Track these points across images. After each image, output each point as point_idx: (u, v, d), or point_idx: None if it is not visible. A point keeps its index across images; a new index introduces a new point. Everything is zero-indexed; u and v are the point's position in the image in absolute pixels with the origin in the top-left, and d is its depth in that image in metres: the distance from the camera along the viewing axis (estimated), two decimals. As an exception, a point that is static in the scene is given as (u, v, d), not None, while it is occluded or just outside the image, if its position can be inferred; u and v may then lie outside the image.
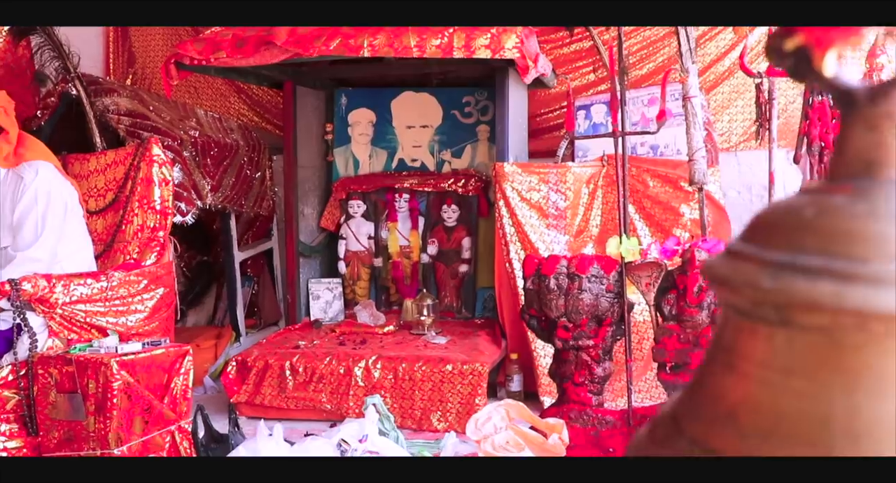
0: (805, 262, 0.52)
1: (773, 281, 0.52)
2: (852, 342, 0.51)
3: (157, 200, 4.77)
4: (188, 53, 4.86)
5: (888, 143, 0.56)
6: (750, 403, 0.54)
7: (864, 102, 0.56)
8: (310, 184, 6.11)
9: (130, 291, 4.52)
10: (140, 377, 4.02)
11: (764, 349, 0.54)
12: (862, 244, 0.52)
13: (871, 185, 0.55)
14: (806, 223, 0.55)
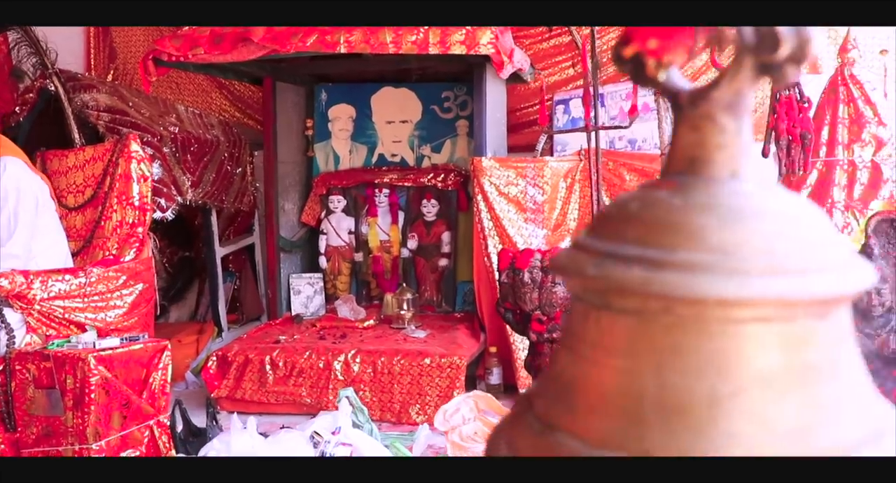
0: (623, 250, 0.56)
1: (595, 269, 0.56)
2: (662, 324, 0.55)
3: (136, 196, 4.79)
4: (166, 50, 4.88)
5: (709, 143, 0.60)
6: (580, 380, 0.59)
7: (687, 105, 0.60)
8: (290, 179, 6.14)
9: (109, 287, 4.54)
10: (118, 372, 4.05)
11: (591, 331, 0.59)
12: (673, 234, 0.56)
13: (692, 181, 0.60)
14: (630, 215, 0.59)
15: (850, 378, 0.59)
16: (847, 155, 4.79)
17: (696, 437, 0.54)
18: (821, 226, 0.59)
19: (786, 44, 0.57)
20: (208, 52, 4.83)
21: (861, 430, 0.57)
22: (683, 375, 0.55)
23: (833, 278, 0.55)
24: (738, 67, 0.59)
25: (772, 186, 0.62)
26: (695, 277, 0.54)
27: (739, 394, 0.54)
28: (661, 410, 0.55)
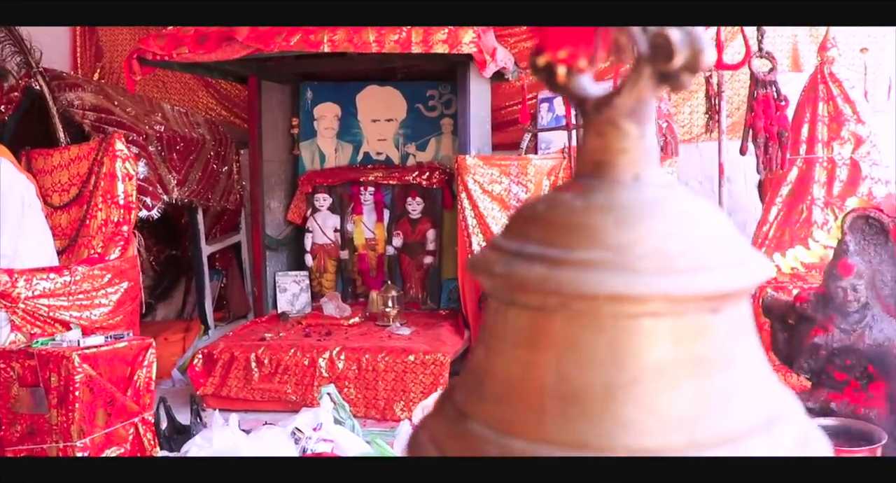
0: (527, 250, 0.60)
1: (502, 267, 0.60)
2: (560, 319, 0.59)
3: (121, 195, 4.81)
4: (150, 49, 4.90)
5: (612, 147, 0.64)
6: (489, 371, 0.63)
7: (592, 112, 0.63)
8: (276, 177, 6.17)
9: (94, 285, 4.57)
10: (102, 370, 4.08)
11: (500, 325, 0.63)
12: (573, 234, 0.60)
13: (596, 184, 0.63)
14: (536, 216, 0.63)
15: (744, 370, 0.62)
16: (827, 152, 4.83)
17: (591, 425, 0.57)
18: (717, 226, 0.63)
19: (679, 54, 0.59)
20: (193, 52, 4.85)
21: (753, 419, 0.60)
22: (580, 367, 0.58)
23: (722, 276, 0.58)
24: (636, 76, 0.61)
25: (674, 188, 0.65)
26: (589, 275, 0.57)
27: (632, 384, 0.58)
28: (559, 399, 0.58)
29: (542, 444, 0.58)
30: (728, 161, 4.54)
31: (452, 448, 0.62)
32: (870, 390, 3.86)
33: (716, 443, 0.58)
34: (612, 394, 0.57)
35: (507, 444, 0.59)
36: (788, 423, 0.63)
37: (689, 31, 0.60)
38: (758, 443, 0.59)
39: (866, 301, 3.84)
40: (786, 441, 0.61)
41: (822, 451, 0.64)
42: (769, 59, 3.94)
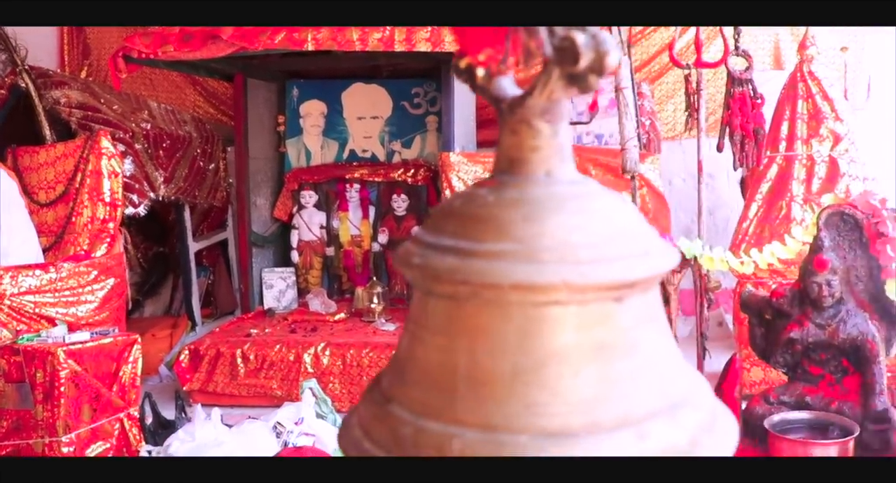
0: (442, 242, 0.64)
1: (419, 259, 0.64)
2: (471, 307, 0.63)
3: (107, 192, 4.84)
4: (136, 47, 4.92)
5: (525, 145, 0.68)
6: (412, 358, 0.67)
7: (507, 111, 0.67)
8: (262, 175, 6.21)
9: (80, 282, 4.60)
10: (88, 366, 4.11)
11: (420, 314, 0.67)
12: (483, 227, 0.64)
13: (509, 179, 0.67)
14: (452, 210, 0.67)
15: (648, 356, 0.65)
16: (806, 150, 4.89)
17: (499, 407, 0.61)
18: (624, 220, 0.67)
19: (584, 56, 0.63)
20: (178, 50, 4.87)
21: (656, 403, 0.64)
22: (490, 353, 0.62)
23: (623, 266, 0.62)
24: (547, 77, 0.65)
25: (586, 185, 0.69)
26: (496, 265, 0.61)
27: (538, 369, 0.61)
28: (470, 383, 0.62)
29: (454, 425, 0.62)
30: (710, 158, 4.59)
31: (376, 430, 0.66)
32: (844, 384, 3.93)
33: (617, 425, 0.61)
34: (518, 378, 0.61)
35: (423, 425, 0.63)
36: (694, 408, 0.66)
37: (594, 34, 0.63)
38: (659, 426, 0.63)
39: (841, 296, 3.89)
40: (689, 425, 0.64)
41: (728, 439, 0.68)
42: (745, 57, 3.99)
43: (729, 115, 3.96)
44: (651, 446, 0.62)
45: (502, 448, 0.60)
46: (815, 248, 3.89)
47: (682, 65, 4.31)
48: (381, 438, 0.66)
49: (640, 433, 0.62)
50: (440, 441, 0.62)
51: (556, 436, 0.60)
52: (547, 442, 0.60)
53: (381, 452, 0.65)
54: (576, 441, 0.60)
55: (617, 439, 0.61)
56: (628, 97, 4.37)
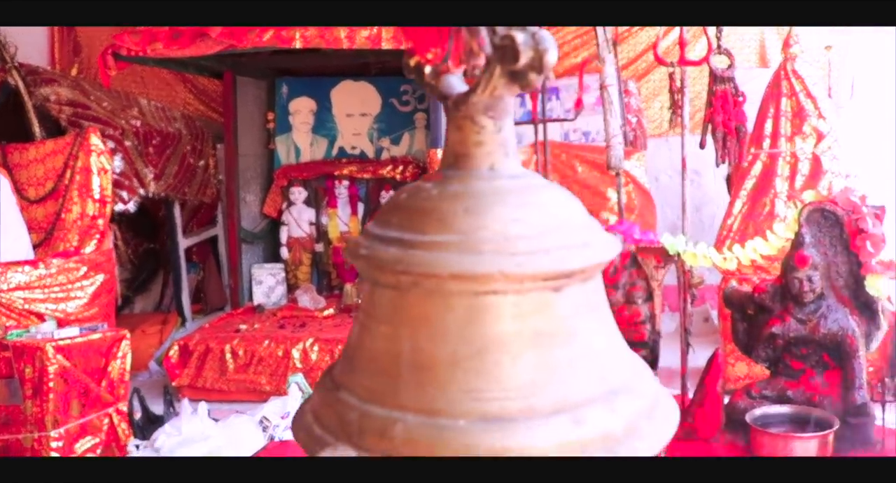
0: (387, 234, 0.67)
1: (365, 250, 0.68)
2: (413, 296, 0.66)
3: (97, 189, 4.87)
4: (125, 45, 4.94)
5: (469, 140, 0.71)
6: (360, 346, 0.70)
7: (452, 108, 0.71)
8: (252, 171, 6.23)
9: (70, 278, 4.62)
10: (77, 361, 4.14)
11: (367, 303, 0.70)
12: (425, 219, 0.67)
13: (454, 174, 0.70)
14: (398, 204, 0.71)
15: (587, 344, 0.68)
16: (790, 147, 4.93)
17: (440, 392, 0.64)
18: (565, 213, 0.70)
19: (524, 55, 0.66)
20: (167, 47, 4.89)
21: (593, 390, 0.67)
22: (431, 340, 0.65)
23: (558, 257, 0.65)
24: (489, 75, 0.68)
25: (529, 179, 0.72)
26: (437, 256, 0.64)
27: (476, 355, 0.64)
28: (413, 369, 0.65)
29: (397, 410, 0.65)
30: (698, 155, 4.62)
31: (325, 415, 0.69)
32: (825, 378, 3.97)
33: (554, 410, 0.64)
34: (459, 364, 0.64)
35: (368, 410, 0.66)
36: (633, 395, 0.69)
37: (533, 33, 0.66)
38: (596, 412, 0.66)
39: (821, 292, 3.93)
40: (626, 412, 0.67)
41: (667, 426, 0.71)
42: (727, 56, 4.03)
43: (711, 112, 3.99)
44: (586, 431, 0.64)
45: (442, 432, 0.63)
46: (797, 244, 3.93)
47: (666, 63, 4.33)
48: (329, 423, 0.68)
49: (576, 419, 0.64)
50: (383, 425, 0.65)
51: (493, 420, 0.63)
52: (485, 426, 0.63)
53: (329, 437, 0.67)
54: (513, 425, 0.63)
55: (553, 424, 0.64)
56: (613, 95, 4.41)
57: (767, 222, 4.86)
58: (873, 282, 3.89)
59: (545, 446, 0.63)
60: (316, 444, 0.68)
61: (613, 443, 0.65)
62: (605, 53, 4.33)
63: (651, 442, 0.67)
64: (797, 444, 3.72)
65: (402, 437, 0.63)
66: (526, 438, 0.63)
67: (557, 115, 5.63)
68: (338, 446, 0.66)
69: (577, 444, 0.64)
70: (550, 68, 0.67)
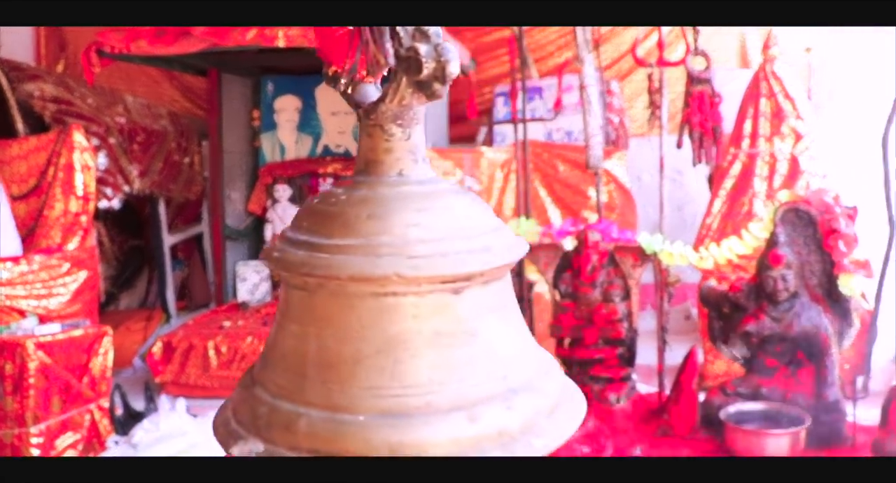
0: (297, 237, 0.71)
1: (278, 253, 0.71)
2: (319, 296, 0.70)
3: (80, 186, 4.88)
4: (108, 42, 4.95)
5: (378, 147, 0.74)
6: (274, 344, 0.74)
7: (364, 116, 0.74)
8: (237, 169, 6.25)
9: (52, 275, 4.64)
10: (58, 358, 4.16)
11: (283, 303, 0.74)
12: (332, 223, 0.70)
13: (364, 179, 0.74)
14: (311, 209, 0.74)
15: (487, 344, 0.71)
16: (768, 147, 4.98)
17: (342, 389, 0.67)
18: (469, 218, 0.73)
19: (427, 66, 0.69)
20: (151, 45, 4.90)
21: (492, 388, 0.70)
22: (335, 339, 0.68)
23: (455, 261, 0.68)
24: (396, 85, 0.71)
25: (437, 184, 0.75)
26: (339, 259, 0.68)
27: (376, 354, 0.68)
28: (318, 367, 0.68)
29: (303, 406, 0.68)
30: (680, 155, 4.66)
31: (241, 410, 0.73)
32: (798, 376, 4.02)
33: (451, 407, 0.67)
34: (360, 362, 0.67)
35: (277, 405, 0.69)
36: (535, 394, 0.72)
37: (436, 45, 0.70)
38: (492, 410, 0.68)
39: (795, 290, 3.99)
40: (524, 410, 0.70)
41: (568, 425, 0.73)
42: (704, 57, 4.07)
43: (688, 113, 4.04)
44: (481, 428, 0.67)
45: (342, 427, 0.66)
46: (771, 243, 3.99)
47: (644, 64, 4.38)
48: (243, 418, 0.72)
49: (472, 415, 0.67)
50: (289, 420, 0.68)
51: (391, 416, 0.66)
52: (383, 421, 0.66)
53: (242, 431, 0.70)
54: (410, 421, 0.66)
55: (449, 421, 0.67)
56: (592, 95, 4.45)
57: (746, 222, 4.90)
58: (846, 280, 3.95)
59: (440, 442, 0.66)
60: (230, 437, 0.70)
61: (509, 439, 0.68)
62: (585, 54, 4.36)
63: (548, 439, 0.70)
64: (770, 441, 3.78)
65: (305, 432, 0.66)
66: (422, 434, 0.66)
67: (541, 114, 5.67)
68: (249, 440, 0.69)
69: (472, 440, 0.66)
70: (452, 78, 0.70)
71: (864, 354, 4.65)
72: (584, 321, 4.29)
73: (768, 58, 4.95)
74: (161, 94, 6.81)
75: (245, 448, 0.69)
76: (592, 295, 4.28)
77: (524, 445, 0.68)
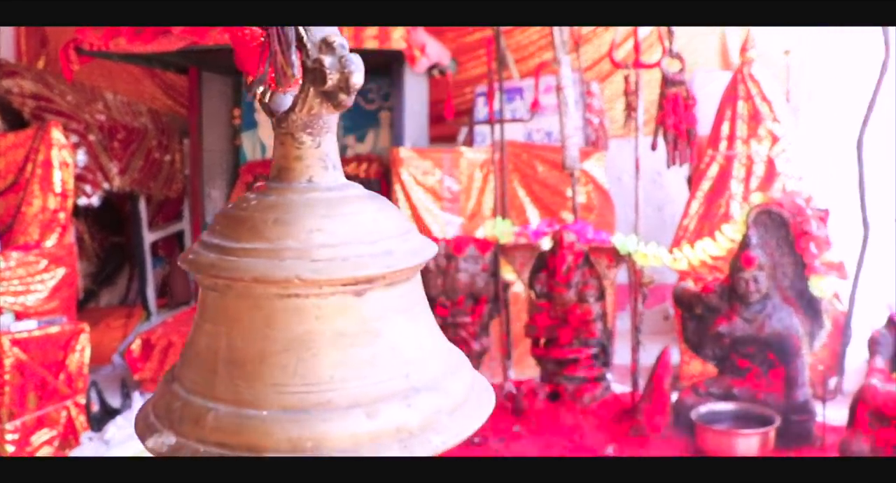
0: (211, 241, 0.74)
1: (193, 255, 0.73)
2: (229, 297, 0.72)
3: (58, 183, 4.88)
4: (87, 39, 4.95)
5: (290, 155, 0.77)
6: (191, 342, 0.77)
7: (277, 125, 0.77)
8: (217, 167, 6.26)
9: (29, 271, 4.64)
10: (34, 354, 4.17)
11: (200, 304, 0.77)
12: (241, 228, 0.73)
13: (276, 186, 0.77)
14: (225, 213, 0.77)
15: (392, 345, 0.73)
16: (745, 149, 5.02)
17: (248, 386, 0.70)
18: (374, 222, 0.75)
19: (331, 77, 0.72)
20: (130, 43, 4.90)
21: (393, 386, 0.72)
22: (243, 338, 0.71)
23: (354, 265, 0.71)
24: (304, 95, 0.74)
25: (346, 191, 0.78)
26: (244, 261, 0.70)
27: (280, 353, 0.70)
28: (227, 365, 0.71)
29: (212, 401, 0.70)
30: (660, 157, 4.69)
31: (159, 405, 0.75)
32: (769, 377, 4.07)
33: (350, 404, 0.70)
34: (265, 360, 0.70)
35: (190, 400, 0.72)
36: (437, 393, 0.74)
37: (341, 57, 0.73)
38: (391, 407, 0.71)
39: (767, 292, 4.03)
40: (424, 408, 0.72)
41: (468, 423, 0.75)
42: (679, 59, 4.10)
43: (662, 115, 4.07)
44: (380, 424, 0.69)
45: (247, 421, 0.68)
46: (744, 245, 4.03)
47: (621, 65, 4.42)
48: (160, 412, 0.74)
49: (371, 412, 0.69)
50: (199, 414, 0.70)
51: (293, 411, 0.69)
52: (285, 416, 0.68)
53: (159, 424, 0.73)
54: (309, 417, 0.68)
55: (348, 417, 0.69)
56: (568, 96, 4.48)
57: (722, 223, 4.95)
58: (817, 282, 3.99)
59: (339, 436, 0.68)
60: (147, 430, 0.73)
61: (407, 436, 0.70)
62: (562, 55, 4.39)
63: (447, 437, 0.72)
64: (739, 441, 3.82)
65: (213, 426, 0.69)
66: (321, 429, 0.68)
67: (521, 114, 5.69)
68: (163, 433, 0.71)
69: (370, 435, 0.69)
70: (357, 89, 0.73)
71: (837, 355, 4.70)
72: (559, 321, 4.32)
73: (746, 60, 4.99)
74: (142, 91, 6.81)
75: (159, 441, 0.71)
76: (567, 295, 4.31)
77: (422, 442, 0.70)
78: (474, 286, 4.43)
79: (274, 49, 0.73)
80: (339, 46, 0.73)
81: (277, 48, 0.73)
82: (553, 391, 4.25)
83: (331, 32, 0.74)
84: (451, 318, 4.45)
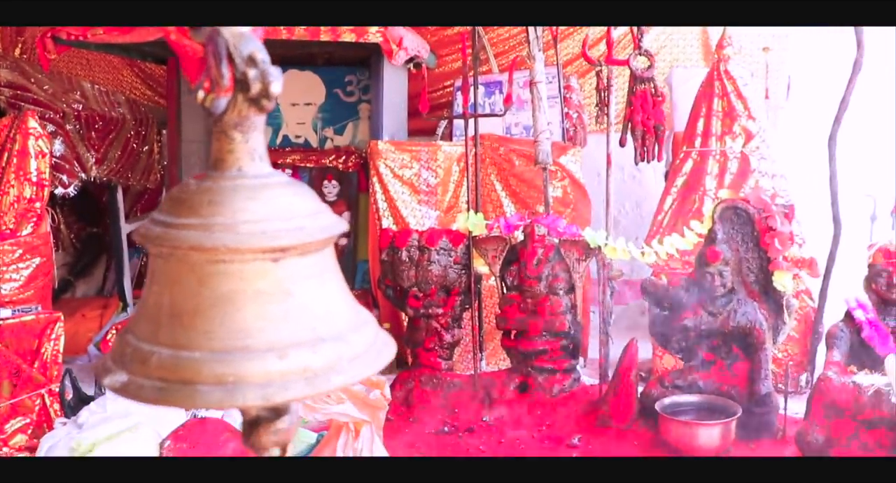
0: (158, 217, 0.89)
1: (144, 229, 0.89)
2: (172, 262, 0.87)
3: (34, 172, 4.89)
4: (65, 29, 4.96)
5: (223, 149, 0.91)
6: (143, 300, 0.92)
7: (214, 124, 0.88)
8: (196, 158, 6.28)
9: (5, 260, 4.65)
10: (9, 342, 4.19)
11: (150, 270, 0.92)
12: (182, 207, 0.88)
13: (213, 174, 0.91)
14: (171, 195, 0.92)
15: (302, 303, 0.88)
16: (720, 146, 5.10)
17: (185, 333, 0.84)
18: (291, 204, 0.89)
19: (254, 86, 0.86)
20: (107, 33, 4.93)
21: (301, 337, 0.86)
22: (181, 295, 0.86)
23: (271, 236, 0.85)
24: (235, 100, 0.88)
25: (269, 178, 0.91)
26: (183, 233, 0.85)
27: (210, 307, 0.85)
28: (170, 318, 0.86)
29: (156, 345, 0.85)
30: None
31: (115, 352, 0.89)
32: (734, 370, 4.15)
33: (266, 349, 0.84)
34: (198, 313, 0.85)
35: (139, 346, 0.87)
36: (342, 343, 0.88)
37: (262, 71, 0.87)
38: (299, 352, 0.85)
39: (732, 286, 4.12)
40: (327, 353, 0.86)
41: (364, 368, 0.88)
42: (647, 57, 4.17)
43: (631, 111, 4.14)
44: (289, 365, 0.84)
45: (183, 361, 0.83)
46: (710, 239, 4.11)
47: (593, 61, 4.48)
48: (115, 357, 0.89)
49: (282, 355, 0.84)
50: (145, 356, 0.85)
51: (220, 353, 0.83)
52: (212, 357, 0.83)
53: (114, 367, 0.87)
54: (232, 357, 0.83)
55: (263, 358, 0.83)
56: (542, 91, 4.54)
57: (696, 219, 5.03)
58: (780, 277, 4.07)
59: (255, 373, 0.83)
60: (104, 372, 0.88)
61: (312, 375, 0.85)
62: (536, 51, 4.45)
63: (346, 377, 0.87)
64: (702, 432, 3.90)
65: (156, 365, 0.84)
66: (242, 368, 0.83)
67: (499, 108, 5.75)
68: (116, 372, 0.87)
69: (280, 373, 0.83)
70: (276, 96, 0.88)
71: (808, 352, 4.78)
72: (529, 313, 4.39)
73: (722, 57, 5.06)
74: (121, 81, 6.82)
75: (113, 378, 0.87)
76: (537, 288, 4.38)
77: (324, 380, 0.85)
78: (447, 278, 4.49)
79: (209, 63, 0.87)
80: (261, 61, 0.87)
81: (212, 62, 0.87)
82: (522, 382, 4.32)
83: (255, 48, 0.88)
84: (424, 310, 4.50)
